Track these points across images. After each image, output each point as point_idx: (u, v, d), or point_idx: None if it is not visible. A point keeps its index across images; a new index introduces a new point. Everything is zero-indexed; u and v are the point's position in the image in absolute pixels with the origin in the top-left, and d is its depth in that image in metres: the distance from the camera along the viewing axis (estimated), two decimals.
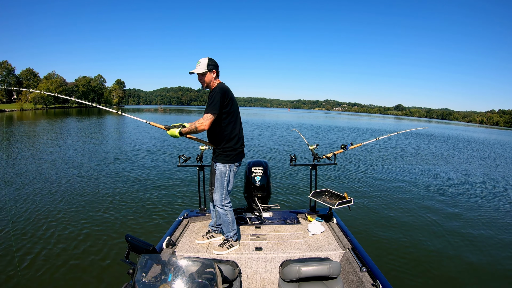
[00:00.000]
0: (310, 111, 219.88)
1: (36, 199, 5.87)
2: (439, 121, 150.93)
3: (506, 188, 8.67)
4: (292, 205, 5.96)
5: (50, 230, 4.54)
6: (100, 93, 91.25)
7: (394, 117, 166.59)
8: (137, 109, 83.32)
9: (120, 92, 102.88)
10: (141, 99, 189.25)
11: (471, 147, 20.86)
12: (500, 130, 74.51)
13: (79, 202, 5.82)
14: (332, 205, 2.91)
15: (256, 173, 3.35)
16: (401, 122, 71.86)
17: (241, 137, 2.64)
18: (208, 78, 2.49)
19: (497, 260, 4.20)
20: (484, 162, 13.80)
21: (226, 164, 2.56)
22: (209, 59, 2.49)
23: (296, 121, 44.26)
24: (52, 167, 8.72)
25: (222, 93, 2.40)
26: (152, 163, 9.75)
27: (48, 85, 65.85)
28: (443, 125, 76.65)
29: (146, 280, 1.45)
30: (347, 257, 2.45)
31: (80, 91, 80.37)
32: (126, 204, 5.74)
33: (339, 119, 62.50)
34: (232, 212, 2.67)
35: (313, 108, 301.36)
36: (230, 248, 2.60)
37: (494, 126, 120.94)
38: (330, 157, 3.37)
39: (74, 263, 3.68)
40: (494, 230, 5.22)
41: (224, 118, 2.48)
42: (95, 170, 8.53)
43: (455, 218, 5.74)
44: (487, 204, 6.84)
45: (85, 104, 3.87)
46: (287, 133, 21.98)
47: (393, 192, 7.27)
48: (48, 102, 66.45)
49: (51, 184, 6.99)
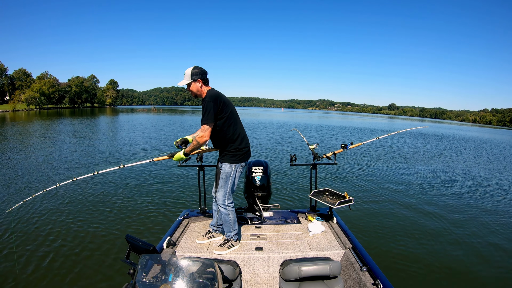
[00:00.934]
0: (304, 110, 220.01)
1: (36, 199, 5.86)
2: (432, 120, 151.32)
3: (507, 187, 8.68)
4: (292, 204, 5.96)
5: (50, 230, 4.54)
6: (93, 93, 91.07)
7: (387, 116, 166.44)
8: (131, 109, 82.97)
9: (114, 92, 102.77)
10: (135, 99, 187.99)
11: (467, 145, 20.88)
12: (493, 129, 74.78)
13: (78, 202, 5.81)
14: (332, 205, 2.91)
15: (256, 172, 3.35)
16: (395, 122, 72.08)
17: (244, 136, 2.64)
18: (194, 88, 2.48)
19: (497, 260, 4.20)
20: (482, 161, 13.81)
21: (232, 164, 2.57)
22: (193, 69, 2.47)
23: (290, 120, 44.14)
24: (51, 168, 8.72)
25: (213, 100, 2.39)
26: (152, 163, 9.73)
27: (41, 86, 65.60)
28: (441, 124, 76.72)
29: (147, 280, 1.45)
30: (347, 256, 2.45)
31: (73, 91, 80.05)
32: (127, 204, 5.73)
33: (333, 119, 62.63)
34: (234, 212, 2.67)
35: (306, 107, 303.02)
36: (231, 248, 2.60)
37: (487, 125, 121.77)
38: (330, 157, 3.37)
39: (74, 263, 3.67)
40: (494, 230, 5.23)
41: (223, 123, 2.48)
42: (95, 170, 8.52)
43: (455, 217, 5.74)
44: (487, 203, 6.84)
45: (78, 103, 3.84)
46: (283, 132, 22.08)
47: (394, 192, 7.27)
48: (41, 103, 66.13)
49: (51, 184, 6.98)
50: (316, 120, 50.37)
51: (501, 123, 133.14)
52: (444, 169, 10.71)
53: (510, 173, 10.93)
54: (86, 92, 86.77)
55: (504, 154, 17.23)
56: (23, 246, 4.05)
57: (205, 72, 2.52)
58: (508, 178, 9.96)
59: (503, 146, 22.64)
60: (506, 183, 9.15)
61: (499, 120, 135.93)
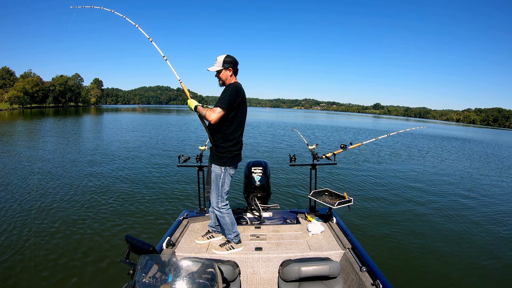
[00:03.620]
0: (289, 110, 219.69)
1: (35, 199, 5.86)
2: (417, 119, 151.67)
3: (506, 186, 8.69)
4: (292, 205, 5.97)
5: (49, 230, 4.54)
6: (78, 92, 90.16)
7: (372, 115, 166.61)
8: (115, 109, 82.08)
9: (98, 91, 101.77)
10: (120, 99, 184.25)
11: (466, 146, 20.90)
12: (477, 128, 75.14)
13: (78, 202, 5.80)
14: (332, 205, 2.91)
15: (256, 173, 3.35)
16: (380, 121, 72.55)
17: (240, 140, 2.59)
18: (223, 75, 2.49)
19: (498, 260, 4.20)
20: (483, 162, 13.83)
21: (222, 166, 2.52)
22: (226, 56, 2.46)
23: (275, 120, 44.01)
24: (49, 168, 8.71)
25: (236, 90, 2.39)
26: (152, 163, 9.73)
27: (24, 84, 64.49)
28: (440, 125, 76.95)
29: (146, 281, 1.45)
30: (347, 256, 2.45)
31: (57, 90, 78.86)
32: (126, 205, 5.73)
33: (318, 118, 62.95)
34: (230, 214, 2.63)
35: (292, 107, 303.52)
36: (230, 250, 2.59)
37: (471, 124, 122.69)
38: (329, 157, 3.37)
39: (73, 264, 3.67)
40: (495, 230, 5.23)
41: (232, 117, 2.43)
42: (94, 170, 8.52)
43: (455, 217, 5.75)
44: (488, 203, 6.85)
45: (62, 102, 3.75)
46: (274, 131, 22.04)
47: (393, 192, 7.28)
48: (25, 102, 65.12)
49: (51, 184, 6.98)
50: (300, 120, 51.00)
51: (484, 122, 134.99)
52: (444, 169, 10.72)
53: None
54: (70, 91, 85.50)
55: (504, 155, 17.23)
56: (22, 246, 4.04)
57: (237, 62, 2.51)
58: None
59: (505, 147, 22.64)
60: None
61: (482, 119, 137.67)
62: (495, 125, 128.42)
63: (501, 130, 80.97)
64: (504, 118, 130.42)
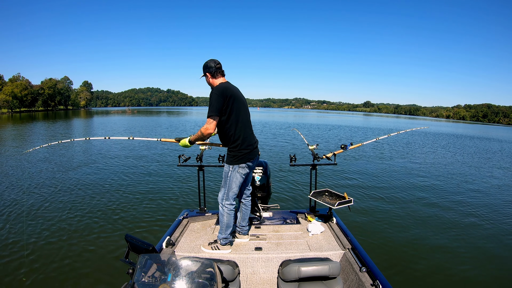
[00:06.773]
0: (280, 109, 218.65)
1: (35, 199, 5.86)
2: (407, 116, 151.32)
3: (506, 186, 8.67)
4: (292, 205, 5.96)
5: (49, 230, 4.54)
6: (67, 95, 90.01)
7: (363, 113, 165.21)
8: (106, 111, 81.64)
9: (88, 94, 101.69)
10: (110, 101, 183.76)
11: (465, 143, 20.85)
12: (467, 124, 75.37)
13: (78, 202, 5.81)
14: (332, 205, 2.90)
15: (256, 173, 3.34)
16: (370, 119, 72.55)
17: (247, 137, 2.53)
18: (207, 81, 2.57)
19: (498, 260, 4.19)
20: (483, 161, 13.80)
21: (230, 165, 2.53)
22: (205, 62, 2.54)
23: (266, 120, 43.79)
24: (48, 168, 8.71)
25: (218, 94, 2.38)
26: (152, 163, 9.74)
27: (13, 88, 64.34)
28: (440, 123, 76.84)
29: (146, 280, 1.45)
30: (346, 257, 2.45)
31: (46, 93, 78.42)
32: (126, 204, 5.73)
33: (308, 117, 62.92)
34: (230, 216, 2.60)
35: (282, 106, 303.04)
36: (214, 250, 2.54)
37: (461, 121, 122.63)
38: (330, 157, 3.37)
39: (73, 263, 3.67)
40: (496, 230, 5.22)
41: (227, 119, 2.43)
42: (94, 170, 8.53)
43: (455, 217, 5.74)
44: (488, 203, 6.83)
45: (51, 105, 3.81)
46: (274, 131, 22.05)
47: (393, 192, 7.27)
48: (14, 106, 65.07)
49: (51, 184, 6.99)
50: (291, 119, 50.90)
51: (474, 118, 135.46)
52: (447, 170, 10.70)
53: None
54: (60, 94, 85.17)
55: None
56: (22, 245, 4.05)
57: (211, 65, 2.50)
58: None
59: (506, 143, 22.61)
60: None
61: (472, 115, 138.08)
62: (484, 120, 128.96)
63: (494, 126, 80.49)
64: (493, 113, 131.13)
